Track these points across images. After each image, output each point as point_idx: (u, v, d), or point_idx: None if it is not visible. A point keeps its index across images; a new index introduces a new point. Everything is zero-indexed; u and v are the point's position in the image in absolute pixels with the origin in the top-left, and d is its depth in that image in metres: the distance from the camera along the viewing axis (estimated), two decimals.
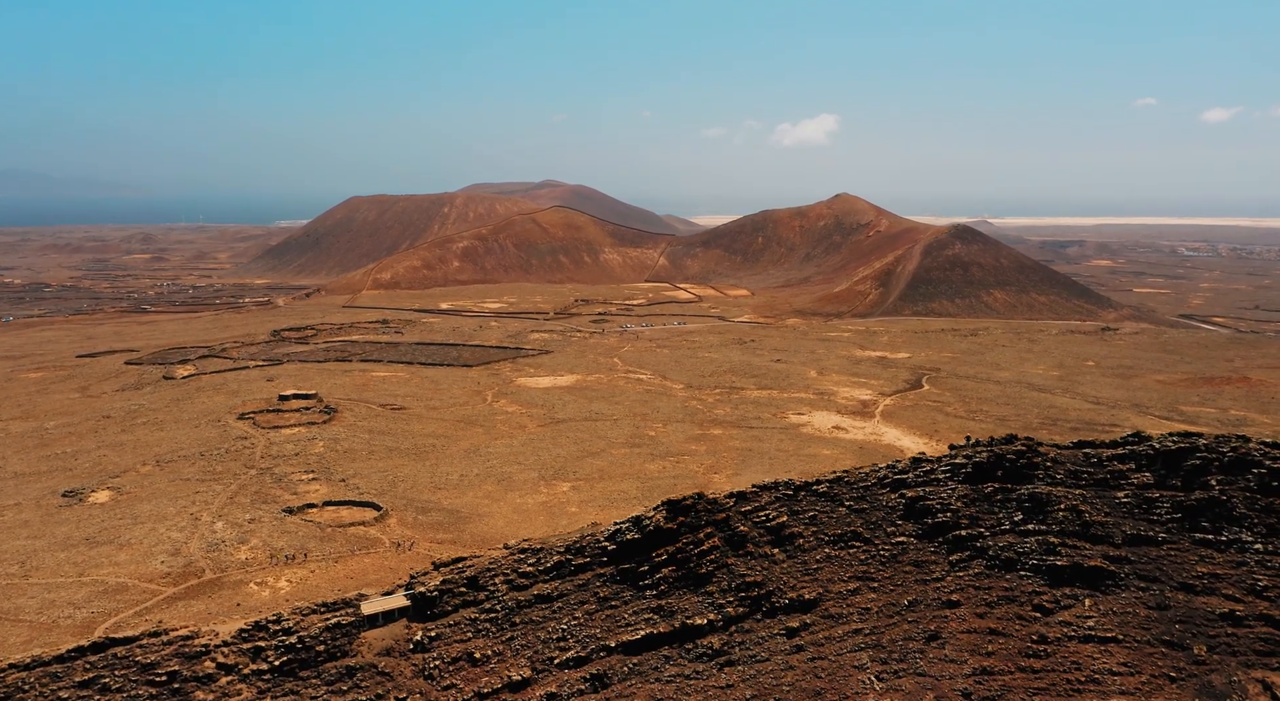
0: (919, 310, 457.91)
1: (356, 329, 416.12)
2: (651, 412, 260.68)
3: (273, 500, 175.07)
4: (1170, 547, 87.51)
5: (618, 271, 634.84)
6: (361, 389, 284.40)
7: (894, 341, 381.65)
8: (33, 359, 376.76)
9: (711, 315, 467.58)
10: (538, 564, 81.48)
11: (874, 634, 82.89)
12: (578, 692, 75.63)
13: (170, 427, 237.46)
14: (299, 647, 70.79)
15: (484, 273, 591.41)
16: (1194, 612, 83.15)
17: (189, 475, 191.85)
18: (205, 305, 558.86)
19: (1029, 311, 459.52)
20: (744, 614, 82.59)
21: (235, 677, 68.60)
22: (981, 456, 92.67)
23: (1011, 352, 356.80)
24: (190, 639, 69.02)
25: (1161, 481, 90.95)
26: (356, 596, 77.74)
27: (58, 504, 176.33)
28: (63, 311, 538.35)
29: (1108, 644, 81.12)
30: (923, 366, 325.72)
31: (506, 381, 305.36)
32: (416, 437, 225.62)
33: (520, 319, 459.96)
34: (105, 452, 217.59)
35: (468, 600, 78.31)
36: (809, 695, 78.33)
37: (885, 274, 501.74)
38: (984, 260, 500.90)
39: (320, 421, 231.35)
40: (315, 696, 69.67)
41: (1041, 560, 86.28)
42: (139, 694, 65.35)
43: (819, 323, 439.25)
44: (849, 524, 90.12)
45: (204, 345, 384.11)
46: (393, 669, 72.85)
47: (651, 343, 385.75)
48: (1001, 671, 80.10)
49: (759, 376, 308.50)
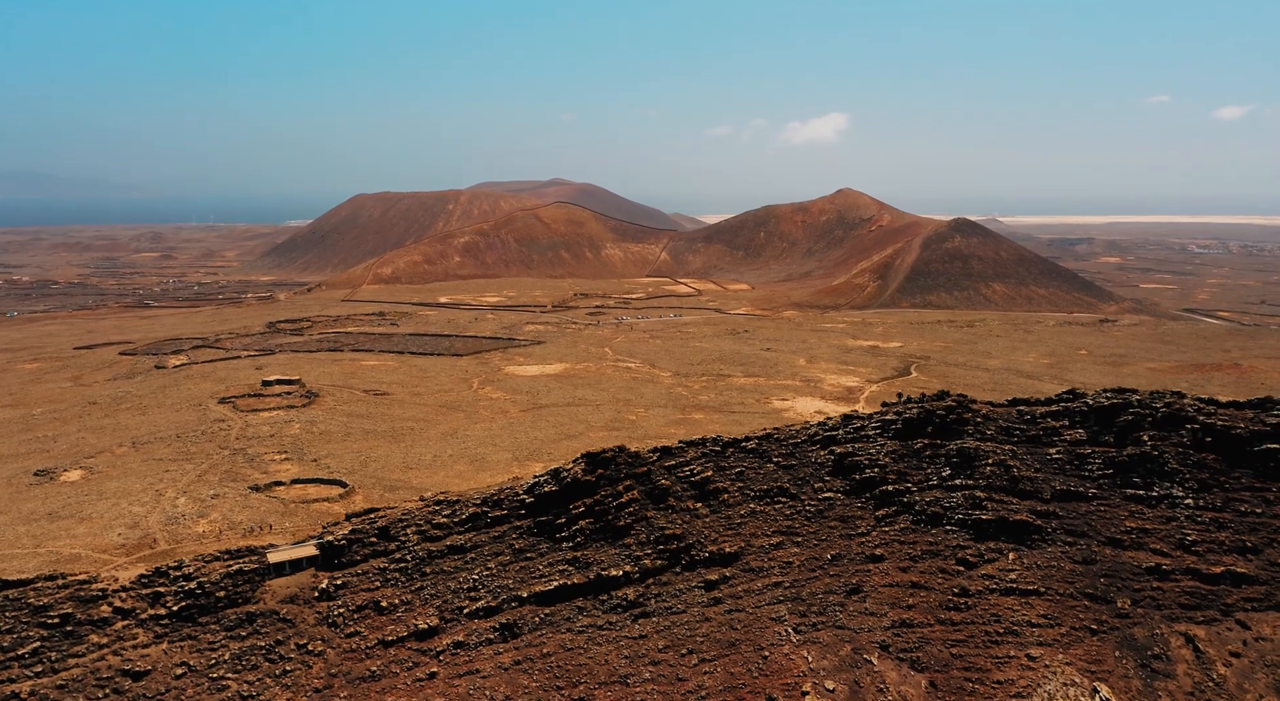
0: (917, 302, 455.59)
1: (352, 321, 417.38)
2: (635, 398, 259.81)
3: (241, 478, 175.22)
4: (1100, 503, 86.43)
5: (619, 267, 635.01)
6: (349, 376, 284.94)
7: (888, 332, 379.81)
8: (31, 351, 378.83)
9: (709, 308, 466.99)
10: (453, 515, 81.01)
11: (794, 587, 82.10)
12: (486, 642, 75.11)
13: (152, 412, 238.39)
14: (199, 593, 70.55)
15: (485, 268, 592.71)
16: (1120, 567, 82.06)
17: (162, 455, 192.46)
18: (207, 300, 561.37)
19: (1028, 304, 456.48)
20: (662, 567, 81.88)
21: (132, 622, 68.41)
22: (912, 412, 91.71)
23: (1005, 342, 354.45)
24: (87, 583, 68.94)
25: (1094, 437, 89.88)
26: (266, 546, 77.40)
27: (28, 482, 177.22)
28: (67, 307, 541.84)
29: (1029, 597, 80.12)
30: (913, 355, 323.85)
31: (495, 370, 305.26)
32: (395, 421, 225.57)
33: (517, 312, 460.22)
34: (85, 435, 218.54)
35: (378, 550, 77.95)
36: (723, 646, 77.58)
37: (884, 267, 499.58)
38: (984, 253, 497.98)
39: (300, 405, 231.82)
40: (213, 642, 69.41)
41: (968, 514, 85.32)
42: (29, 636, 65.26)
43: (815, 315, 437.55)
44: (776, 480, 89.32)
45: (199, 337, 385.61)
46: (295, 616, 72.50)
47: (645, 334, 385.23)
48: (921, 624, 79.23)
49: (747, 364, 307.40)
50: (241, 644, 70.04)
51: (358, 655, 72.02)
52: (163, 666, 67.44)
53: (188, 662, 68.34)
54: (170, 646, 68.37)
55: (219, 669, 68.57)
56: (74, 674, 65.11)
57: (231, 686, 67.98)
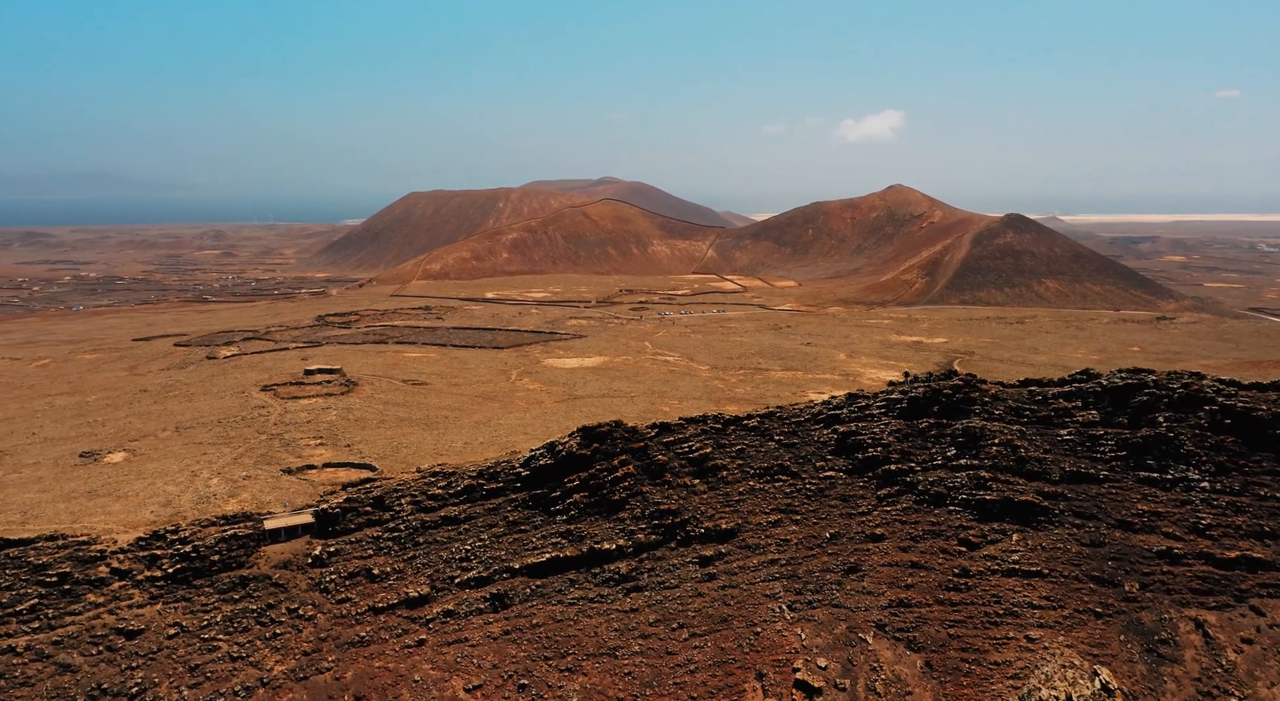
0: (966, 299, 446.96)
1: (399, 315, 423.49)
2: (670, 390, 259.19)
3: (275, 461, 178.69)
4: (1112, 485, 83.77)
5: (665, 263, 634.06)
6: (390, 367, 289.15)
7: (933, 328, 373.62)
8: (92, 342, 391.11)
9: (753, 304, 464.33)
10: (448, 487, 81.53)
11: (791, 565, 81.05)
12: (476, 612, 75.45)
13: (198, 399, 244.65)
14: (194, 557, 72.07)
15: (532, 264, 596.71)
16: (1129, 550, 79.42)
17: (202, 439, 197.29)
18: (263, 295, 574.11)
19: (1082, 301, 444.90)
20: (656, 542, 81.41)
21: (128, 583, 70.14)
22: (918, 391, 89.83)
23: (1054, 339, 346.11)
24: (87, 544, 70.83)
25: (1108, 419, 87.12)
26: (264, 513, 78.78)
27: (74, 463, 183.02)
28: (130, 301, 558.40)
29: (1032, 578, 78.00)
30: (957, 351, 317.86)
31: (534, 362, 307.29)
32: (430, 409, 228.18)
33: (561, 307, 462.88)
34: (132, 420, 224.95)
35: (372, 519, 78.80)
36: (715, 622, 76.94)
37: (932, 263, 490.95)
38: (1037, 249, 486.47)
39: (339, 393, 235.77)
40: (206, 604, 70.83)
41: (971, 495, 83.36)
42: (28, 592, 67.28)
43: (860, 311, 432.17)
44: (777, 458, 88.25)
45: (251, 330, 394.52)
46: (287, 581, 73.62)
47: (686, 328, 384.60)
48: (919, 603, 77.66)
49: (786, 359, 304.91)
50: (234, 607, 71.40)
51: (347, 621, 72.91)
52: (156, 626, 69.06)
53: (181, 623, 69.90)
54: (164, 607, 69.96)
55: (211, 630, 70.02)
56: (70, 631, 67.02)
57: (222, 647, 69.33)
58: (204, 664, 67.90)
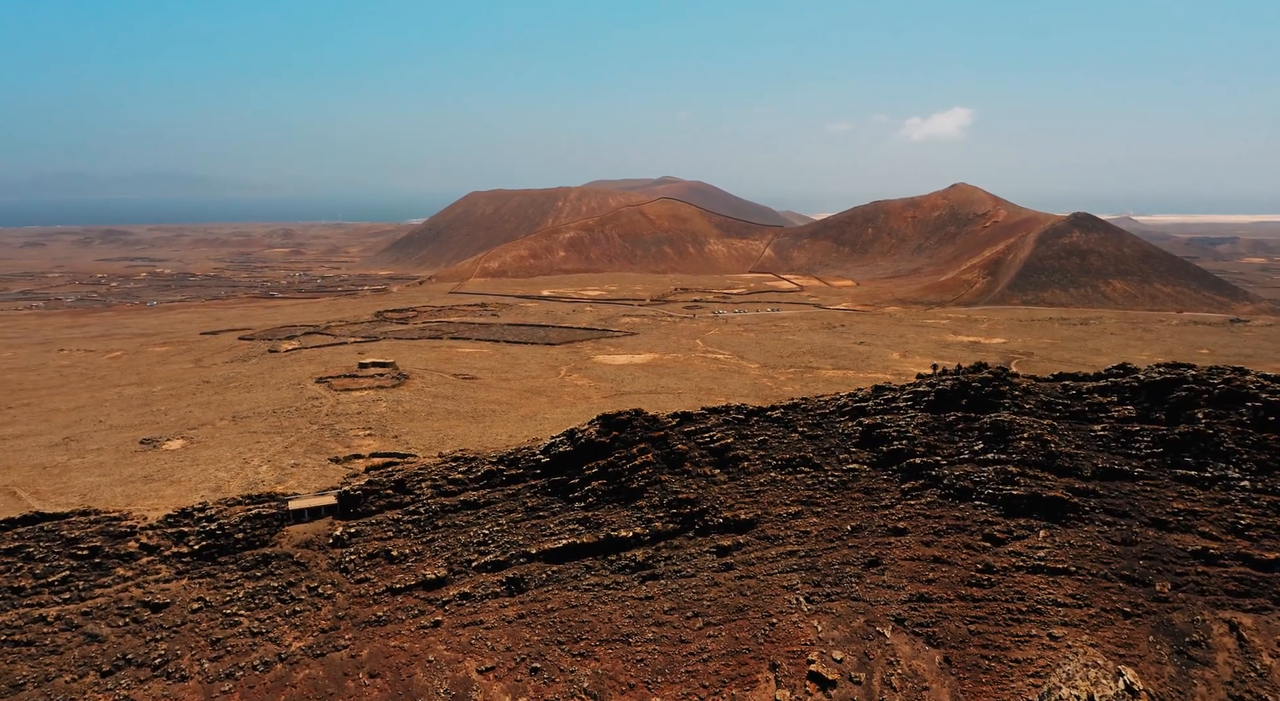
0: (1029, 299, 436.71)
1: (455, 311, 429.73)
2: (718, 388, 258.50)
3: (324, 451, 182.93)
4: (1146, 483, 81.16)
5: (722, 262, 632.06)
6: (442, 361, 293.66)
7: (992, 328, 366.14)
8: (163, 336, 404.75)
9: (809, 303, 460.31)
10: (468, 472, 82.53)
11: (810, 557, 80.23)
12: (492, 595, 76.24)
13: (256, 390, 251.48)
14: (219, 534, 74.20)
15: (589, 262, 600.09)
16: (1163, 549, 76.87)
17: (256, 428, 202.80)
18: (327, 292, 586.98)
19: (1150, 302, 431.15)
20: (674, 530, 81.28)
21: (156, 558, 72.51)
22: (946, 384, 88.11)
23: (1118, 340, 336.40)
24: (118, 520, 73.41)
25: (1144, 414, 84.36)
26: (289, 494, 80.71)
27: (134, 449, 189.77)
28: (201, 297, 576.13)
29: (1058, 576, 76.01)
30: (1015, 351, 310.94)
31: (584, 358, 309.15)
32: (478, 403, 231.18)
33: (615, 305, 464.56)
34: (193, 410, 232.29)
35: (393, 502, 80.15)
36: (730, 611, 76.53)
37: (994, 262, 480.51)
38: (1104, 249, 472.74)
39: (390, 386, 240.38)
40: (230, 580, 72.87)
41: (998, 490, 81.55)
42: (60, 564, 70.02)
43: (918, 311, 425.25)
44: (799, 449, 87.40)
45: (312, 325, 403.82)
46: (309, 560, 75.31)
47: (739, 327, 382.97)
48: (940, 599, 76.25)
49: (838, 358, 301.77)
50: (256, 583, 73.28)
51: (365, 600, 74.29)
52: (181, 600, 71.25)
53: (204, 598, 72.00)
54: (190, 582, 72.15)
55: (233, 605, 71.99)
56: (99, 602, 69.53)
57: (243, 622, 71.20)
58: (225, 638, 69.85)
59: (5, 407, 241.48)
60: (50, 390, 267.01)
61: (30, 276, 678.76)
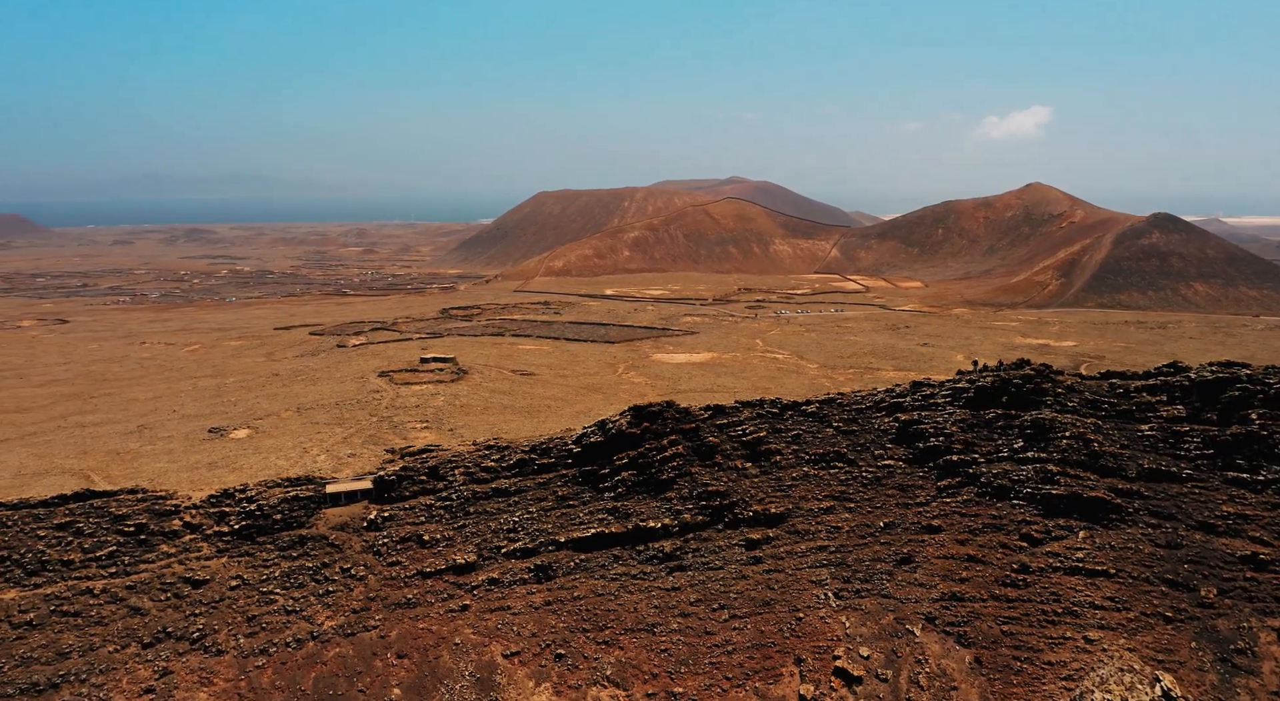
0: (1104, 302, 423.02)
1: (519, 309, 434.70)
2: (774, 387, 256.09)
3: (381, 442, 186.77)
4: (1195, 485, 78.30)
5: (787, 262, 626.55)
6: (502, 357, 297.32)
7: (1063, 331, 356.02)
8: (239, 330, 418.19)
9: (874, 304, 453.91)
10: (501, 460, 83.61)
11: (840, 552, 79.31)
12: (520, 581, 77.15)
13: (321, 383, 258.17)
14: (258, 515, 76.57)
15: (653, 262, 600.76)
16: (1209, 553, 74.08)
17: (318, 419, 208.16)
18: (397, 290, 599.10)
19: (1235, 306, 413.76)
20: (703, 522, 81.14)
21: (198, 536, 75.21)
22: (986, 380, 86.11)
23: (1197, 345, 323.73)
24: (164, 499, 76.34)
25: (1195, 414, 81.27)
26: (327, 478, 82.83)
27: (202, 438, 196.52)
28: (277, 294, 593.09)
29: (1096, 578, 73.82)
30: (1086, 355, 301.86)
31: (643, 356, 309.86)
32: (534, 399, 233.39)
33: (677, 304, 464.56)
34: (260, 401, 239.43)
35: (426, 488, 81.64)
36: (757, 604, 76.14)
37: (1069, 264, 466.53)
38: (1185, 250, 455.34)
39: (449, 380, 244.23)
40: (267, 559, 75.19)
41: (1037, 489, 79.52)
42: (108, 540, 73.11)
43: (987, 312, 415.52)
44: (834, 444, 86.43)
45: (380, 321, 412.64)
46: (343, 542, 77.22)
47: (801, 327, 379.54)
48: (973, 598, 74.72)
49: (900, 359, 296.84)
50: (292, 563, 75.45)
51: (396, 583, 75.87)
52: (220, 577, 73.78)
53: (242, 576, 74.42)
54: (229, 560, 74.65)
55: (269, 584, 74.24)
56: (143, 577, 72.42)
57: (279, 600, 73.38)
58: (260, 615, 72.06)
59: (89, 397, 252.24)
60: (131, 381, 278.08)
61: (118, 273, 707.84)
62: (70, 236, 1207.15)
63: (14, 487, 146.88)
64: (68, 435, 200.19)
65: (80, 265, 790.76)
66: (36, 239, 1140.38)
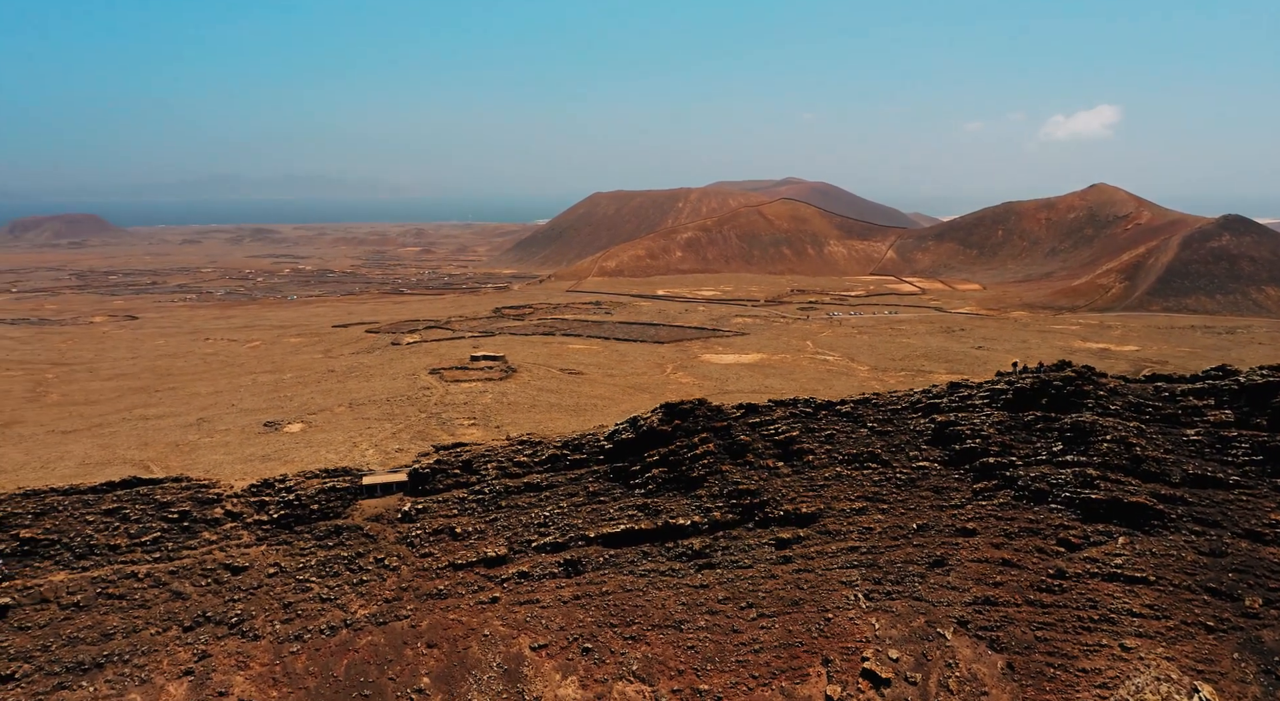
0: (1170, 306, 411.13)
1: (570, 309, 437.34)
2: (823, 389, 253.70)
3: (429, 437, 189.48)
4: (1242, 492, 75.97)
5: (841, 264, 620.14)
6: (552, 356, 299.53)
7: (1125, 335, 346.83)
8: (298, 328, 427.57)
9: (929, 306, 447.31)
10: (534, 455, 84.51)
11: (872, 554, 78.59)
12: (549, 575, 77.89)
13: (375, 379, 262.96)
14: (296, 505, 78.50)
15: (705, 263, 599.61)
16: (1256, 562, 71.83)
17: (369, 415, 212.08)
18: (452, 289, 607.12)
19: None
20: (733, 521, 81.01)
21: (239, 524, 77.40)
22: (1025, 382, 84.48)
23: (1267, 350, 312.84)
24: (207, 487, 78.70)
25: (1244, 420, 78.76)
26: (364, 470, 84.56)
27: (258, 431, 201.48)
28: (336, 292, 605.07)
29: (1135, 585, 72.03)
30: (1148, 360, 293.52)
31: (691, 357, 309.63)
32: (581, 397, 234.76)
33: (729, 305, 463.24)
34: (315, 396, 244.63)
35: (460, 481, 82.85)
36: (786, 604, 75.82)
37: (1133, 267, 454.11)
38: (1257, 253, 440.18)
39: (498, 378, 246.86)
40: (304, 548, 77.07)
41: (1076, 493, 77.88)
42: (153, 526, 75.63)
43: (1047, 316, 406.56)
44: (868, 445, 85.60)
45: (435, 319, 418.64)
46: (378, 533, 78.78)
47: (853, 329, 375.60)
48: (1006, 603, 73.47)
49: (953, 361, 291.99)
50: (328, 553, 77.22)
51: (428, 574, 77.15)
52: (259, 565, 75.83)
53: (280, 564, 76.38)
54: (267, 548, 76.68)
55: (305, 572, 76.08)
56: (185, 563, 74.77)
57: (314, 588, 75.15)
58: (296, 602, 73.87)
59: (153, 390, 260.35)
60: (194, 375, 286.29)
61: (186, 271, 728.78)
62: (142, 235, 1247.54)
63: (78, 476, 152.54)
64: (131, 427, 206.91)
65: (150, 263, 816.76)
66: (110, 238, 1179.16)
